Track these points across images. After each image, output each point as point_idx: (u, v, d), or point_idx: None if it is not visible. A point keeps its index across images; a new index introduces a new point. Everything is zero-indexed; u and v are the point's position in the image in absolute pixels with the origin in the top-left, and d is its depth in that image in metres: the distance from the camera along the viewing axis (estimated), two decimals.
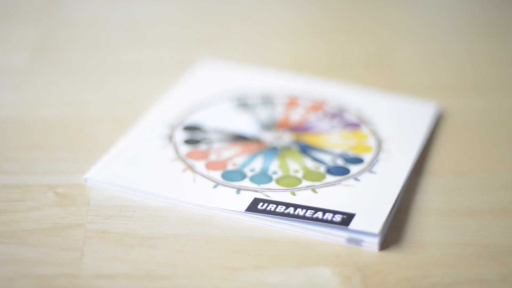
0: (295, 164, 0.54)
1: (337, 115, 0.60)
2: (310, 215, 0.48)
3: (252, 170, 0.53)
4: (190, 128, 0.58)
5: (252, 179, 0.52)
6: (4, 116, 0.60)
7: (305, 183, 0.52)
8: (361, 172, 0.53)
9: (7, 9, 0.80)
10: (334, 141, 0.57)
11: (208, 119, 0.59)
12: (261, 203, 0.49)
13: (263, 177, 0.52)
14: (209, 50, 0.72)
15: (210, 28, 0.77)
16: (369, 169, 0.53)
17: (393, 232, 0.48)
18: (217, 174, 0.52)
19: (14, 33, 0.75)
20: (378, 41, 0.75)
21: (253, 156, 0.55)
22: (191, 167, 0.53)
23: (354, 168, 0.53)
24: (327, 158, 0.54)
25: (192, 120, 0.59)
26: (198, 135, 0.57)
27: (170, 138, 0.56)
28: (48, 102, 0.62)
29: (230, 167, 0.53)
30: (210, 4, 0.83)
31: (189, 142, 0.56)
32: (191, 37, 0.75)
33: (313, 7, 0.84)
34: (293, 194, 0.50)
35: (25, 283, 0.44)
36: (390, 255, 0.46)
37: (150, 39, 0.75)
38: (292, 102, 0.62)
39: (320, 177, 0.52)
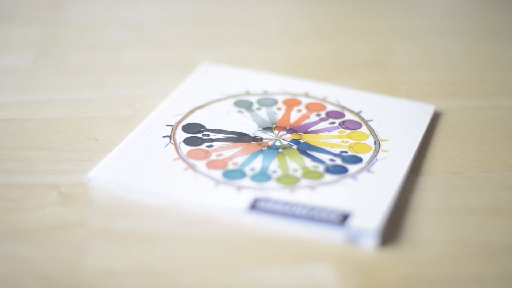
0: (295, 164, 0.54)
1: (337, 115, 0.61)
2: (309, 214, 0.49)
3: (252, 169, 0.54)
4: (191, 128, 0.58)
5: (252, 178, 0.53)
6: (7, 116, 0.61)
7: (304, 182, 0.52)
8: (359, 171, 0.53)
9: (9, 10, 0.80)
10: (333, 141, 0.57)
11: (209, 119, 0.60)
12: (261, 202, 0.50)
13: (263, 176, 0.53)
14: (211, 51, 0.73)
15: (212, 30, 0.78)
16: (367, 168, 0.54)
17: (391, 231, 0.49)
18: (218, 173, 0.53)
19: (17, 34, 0.75)
20: (378, 42, 0.76)
21: (253, 156, 0.55)
22: (192, 167, 0.54)
23: (352, 168, 0.54)
24: (326, 158, 0.55)
25: (193, 120, 0.59)
26: (199, 135, 0.57)
27: (172, 138, 0.57)
28: (50, 102, 0.63)
29: (230, 166, 0.54)
30: (211, 7, 0.83)
31: (190, 141, 0.57)
32: (193, 39, 0.76)
33: (313, 9, 0.85)
34: (292, 192, 0.51)
35: (28, 281, 0.44)
36: (388, 253, 0.47)
37: (153, 41, 0.75)
38: (292, 102, 0.62)
39: (319, 176, 0.53)
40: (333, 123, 0.60)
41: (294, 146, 0.57)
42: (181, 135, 0.57)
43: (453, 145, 0.58)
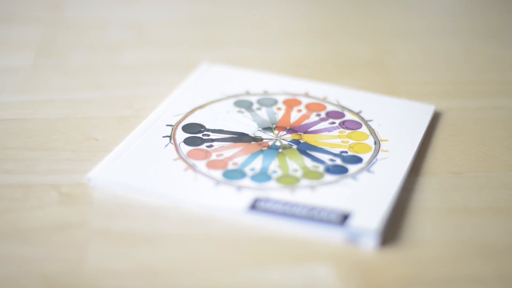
0: (295, 164, 0.54)
1: (337, 115, 0.61)
2: (309, 214, 0.49)
3: (252, 169, 0.54)
4: (191, 128, 0.58)
5: (253, 178, 0.53)
6: (7, 116, 0.61)
7: (304, 182, 0.52)
8: (359, 171, 0.53)
9: (9, 10, 0.80)
10: (333, 141, 0.57)
11: (209, 119, 0.60)
12: (261, 202, 0.50)
13: (263, 176, 0.53)
14: (211, 51, 0.73)
15: (212, 30, 0.78)
16: (367, 168, 0.54)
17: (391, 231, 0.49)
18: (218, 173, 0.53)
19: (17, 34, 0.75)
20: (378, 42, 0.76)
21: (253, 156, 0.55)
22: (192, 167, 0.54)
23: (352, 168, 0.54)
24: (326, 158, 0.55)
25: (193, 120, 0.59)
26: (199, 135, 0.57)
27: (172, 138, 0.57)
28: (50, 102, 0.63)
29: (230, 166, 0.54)
30: (211, 7, 0.83)
31: (190, 141, 0.57)
32: (193, 39, 0.76)
33: (313, 9, 0.85)
34: (292, 192, 0.51)
35: (28, 281, 0.44)
36: (388, 253, 0.47)
37: (153, 41, 0.75)
38: (292, 102, 0.62)
39: (319, 176, 0.53)
40: (333, 123, 0.60)
41: (294, 146, 0.57)
42: (181, 135, 0.57)
43: (453, 145, 0.58)
